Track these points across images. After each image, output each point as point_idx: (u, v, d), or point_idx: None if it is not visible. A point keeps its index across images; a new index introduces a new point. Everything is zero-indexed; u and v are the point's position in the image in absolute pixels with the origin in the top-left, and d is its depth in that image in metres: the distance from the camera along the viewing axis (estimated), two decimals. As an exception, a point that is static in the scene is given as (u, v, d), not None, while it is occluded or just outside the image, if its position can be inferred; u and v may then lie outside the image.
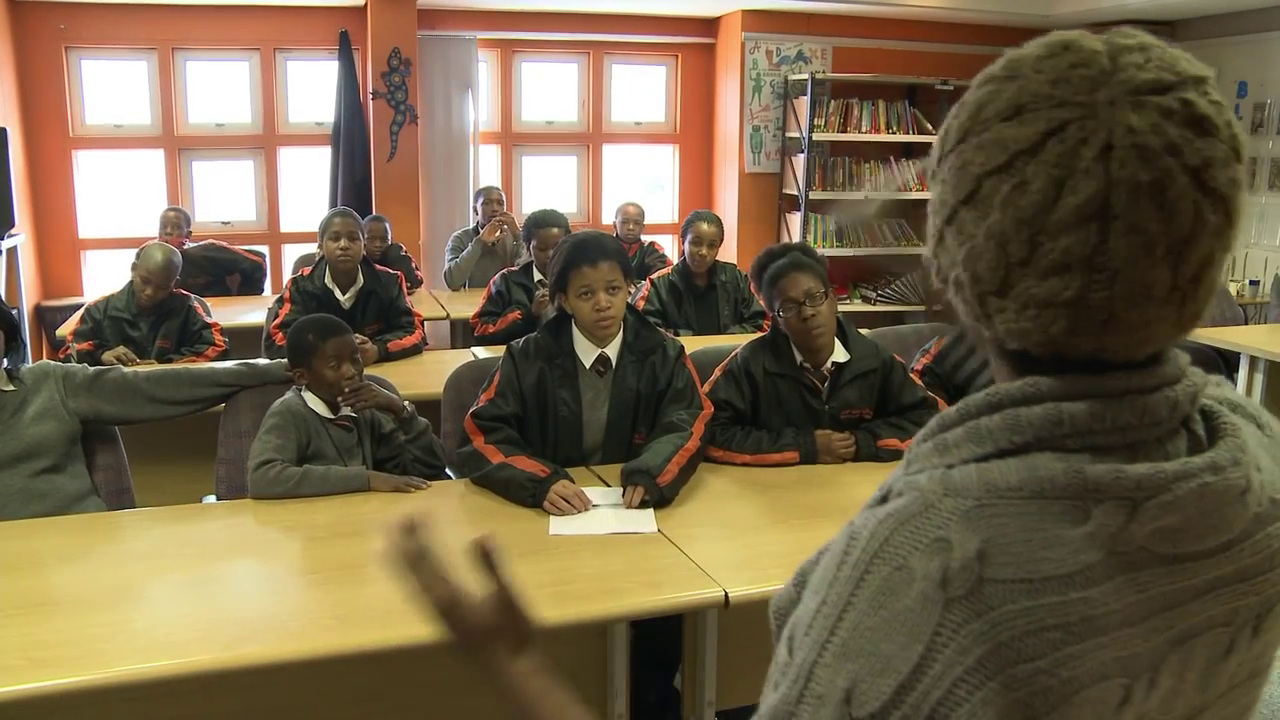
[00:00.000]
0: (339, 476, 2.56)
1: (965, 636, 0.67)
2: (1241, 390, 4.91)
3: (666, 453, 2.54)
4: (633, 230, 5.96)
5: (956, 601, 0.68)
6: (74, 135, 6.73)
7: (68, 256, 6.83)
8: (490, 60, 7.48)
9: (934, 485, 0.74)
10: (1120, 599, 0.70)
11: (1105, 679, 0.69)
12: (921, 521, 0.72)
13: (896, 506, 0.74)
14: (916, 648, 0.68)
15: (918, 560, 0.70)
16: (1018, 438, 0.73)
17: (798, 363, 2.87)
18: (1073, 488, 0.71)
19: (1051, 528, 0.70)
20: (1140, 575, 0.71)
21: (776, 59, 7.48)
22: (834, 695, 0.69)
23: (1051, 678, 0.67)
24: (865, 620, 0.70)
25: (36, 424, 2.59)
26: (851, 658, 0.69)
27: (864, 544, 0.72)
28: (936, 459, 0.76)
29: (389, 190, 6.91)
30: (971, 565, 0.69)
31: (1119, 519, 0.70)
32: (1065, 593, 0.68)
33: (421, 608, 0.97)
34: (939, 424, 0.78)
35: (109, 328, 4.16)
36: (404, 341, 4.18)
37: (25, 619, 1.87)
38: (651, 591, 2.04)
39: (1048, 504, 0.71)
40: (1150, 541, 0.71)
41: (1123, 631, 0.70)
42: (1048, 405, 0.73)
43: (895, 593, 0.70)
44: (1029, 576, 0.68)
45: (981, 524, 0.70)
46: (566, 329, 2.76)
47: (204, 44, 6.87)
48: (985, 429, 0.75)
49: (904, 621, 0.69)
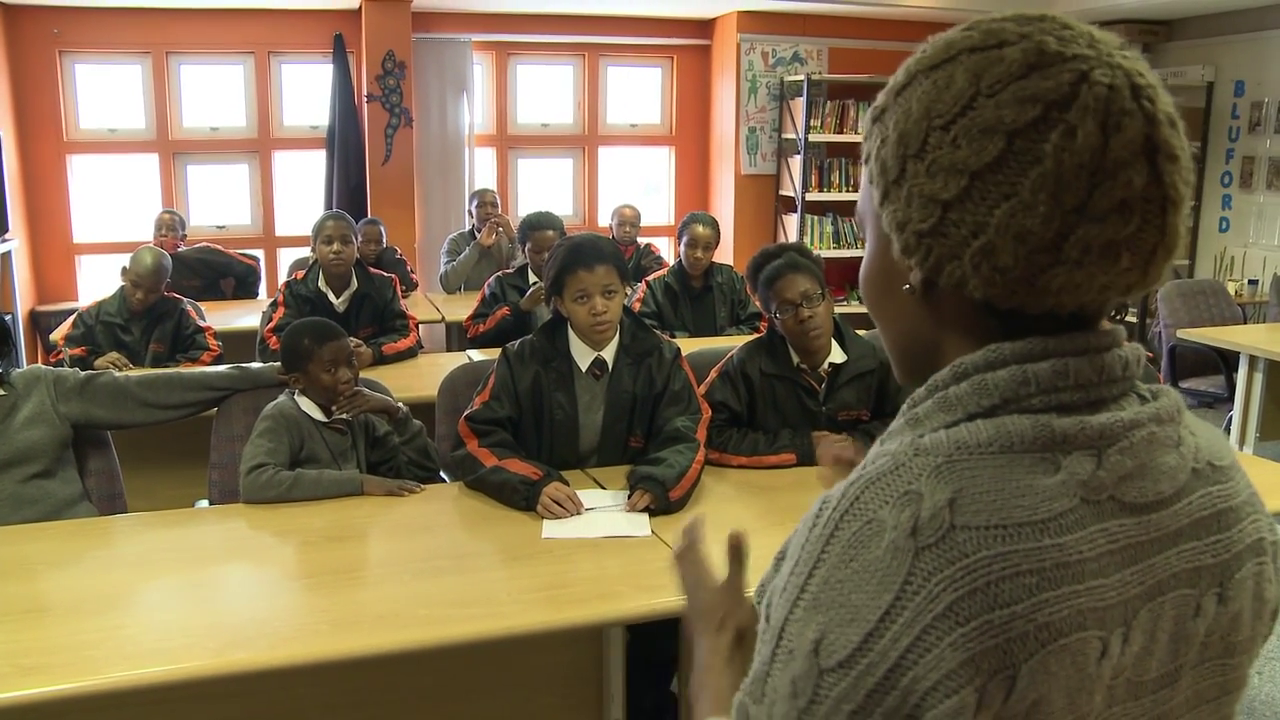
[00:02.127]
0: (332, 480, 2.54)
1: (936, 584, 0.68)
2: (1241, 389, 4.91)
3: (681, 466, 2.52)
4: (628, 233, 5.95)
5: (927, 549, 0.69)
6: (68, 139, 6.71)
7: (62, 261, 6.82)
8: (485, 63, 7.47)
9: (904, 448, 0.75)
10: (1093, 548, 0.71)
11: (1082, 629, 0.70)
12: (891, 479, 0.73)
13: (866, 470, 0.75)
14: (886, 596, 0.69)
15: (888, 512, 0.71)
16: (985, 401, 0.75)
17: (794, 364, 2.85)
18: (1041, 440, 0.73)
19: (1023, 478, 0.72)
20: (1110, 525, 0.73)
21: (772, 60, 7.47)
22: (803, 648, 0.71)
23: (1028, 623, 0.68)
24: (835, 574, 0.71)
25: (27, 429, 2.57)
26: (821, 610, 0.71)
27: (834, 504, 0.74)
28: (909, 432, 0.78)
29: (384, 193, 6.90)
30: (942, 514, 0.70)
31: (1088, 466, 0.73)
32: (1039, 538, 0.69)
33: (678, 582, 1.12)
34: (910, 402, 0.80)
35: (101, 333, 4.13)
36: (399, 345, 4.16)
37: (14, 625, 1.85)
38: (647, 595, 2.02)
39: (1017, 457, 0.73)
40: (1118, 490, 0.74)
41: (1097, 582, 0.71)
42: (1012, 368, 0.75)
43: (865, 544, 0.71)
44: (1002, 523, 0.69)
45: (952, 476, 0.72)
46: (562, 332, 2.74)
47: (198, 47, 6.86)
48: (953, 397, 0.77)
49: (874, 571, 0.70)
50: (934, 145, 0.74)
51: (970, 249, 0.74)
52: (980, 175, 0.72)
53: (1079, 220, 0.71)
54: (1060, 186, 0.71)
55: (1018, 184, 0.71)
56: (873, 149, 0.80)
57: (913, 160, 0.76)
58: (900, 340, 0.85)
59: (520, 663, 2.27)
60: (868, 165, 0.81)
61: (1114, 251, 0.73)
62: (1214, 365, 5.23)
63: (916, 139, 0.75)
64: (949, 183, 0.74)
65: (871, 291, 0.87)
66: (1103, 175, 0.71)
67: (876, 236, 0.83)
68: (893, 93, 0.79)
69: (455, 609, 1.93)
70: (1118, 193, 0.71)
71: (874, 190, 0.80)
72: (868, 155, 0.81)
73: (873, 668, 0.68)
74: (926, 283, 0.78)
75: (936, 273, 0.77)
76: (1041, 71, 0.72)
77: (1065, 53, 0.72)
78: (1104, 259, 0.73)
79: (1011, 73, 0.72)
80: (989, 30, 0.76)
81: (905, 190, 0.76)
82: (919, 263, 0.77)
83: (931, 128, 0.75)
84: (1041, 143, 0.71)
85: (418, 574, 2.09)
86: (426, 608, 1.93)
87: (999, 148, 0.72)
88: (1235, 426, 4.96)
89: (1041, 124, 0.71)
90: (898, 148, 0.77)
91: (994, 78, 0.73)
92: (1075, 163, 0.70)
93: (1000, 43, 0.74)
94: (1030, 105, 0.71)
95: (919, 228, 0.76)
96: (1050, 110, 0.71)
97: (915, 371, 0.85)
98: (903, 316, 0.83)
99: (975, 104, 0.73)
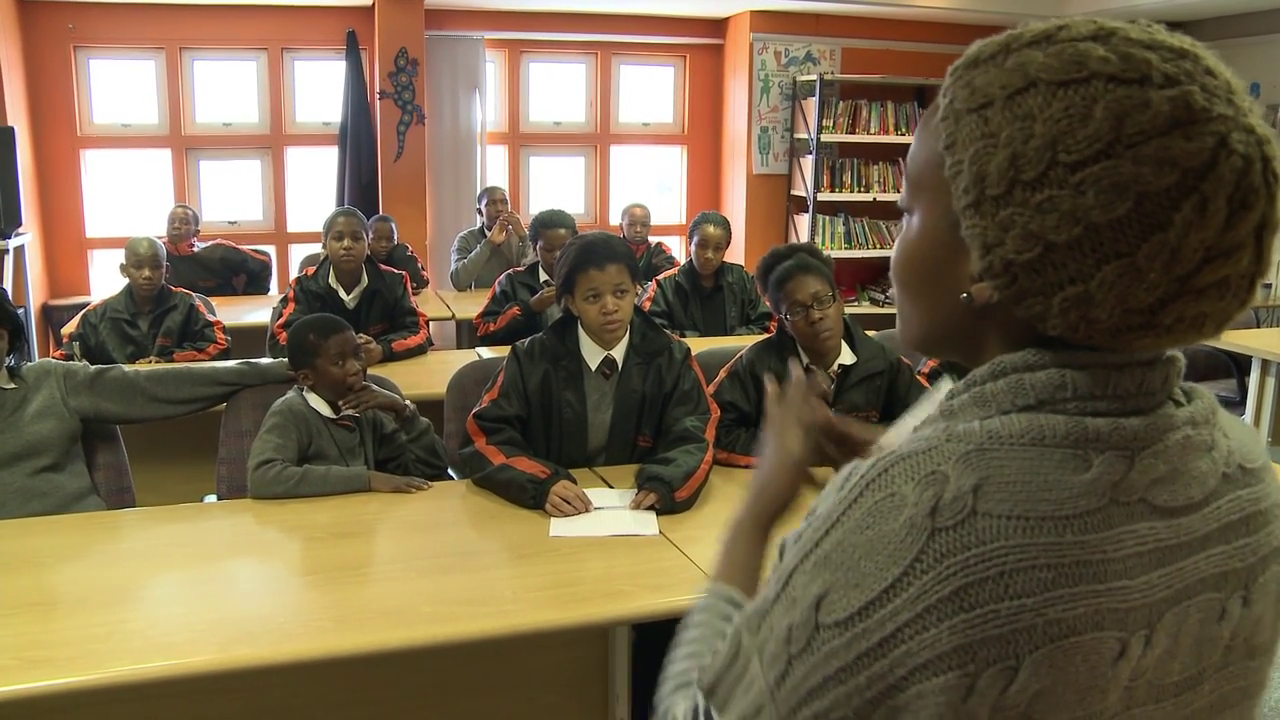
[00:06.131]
0: (339, 476, 2.54)
1: (948, 566, 0.68)
2: (1253, 394, 4.87)
3: (689, 466, 2.51)
4: (639, 232, 5.94)
5: (944, 531, 0.69)
6: (81, 134, 6.73)
7: (75, 255, 6.83)
8: (498, 60, 7.46)
9: (937, 433, 0.75)
10: (1119, 549, 0.70)
11: (1099, 629, 0.69)
12: (921, 458, 0.73)
13: (900, 448, 0.75)
14: (893, 570, 0.69)
15: (911, 489, 0.71)
16: (1021, 400, 0.75)
17: (804, 365, 2.84)
18: (1074, 436, 0.72)
19: (1053, 473, 0.71)
20: (1139, 528, 0.72)
21: (785, 60, 7.46)
22: (806, 599, 0.73)
23: (1037, 617, 0.68)
24: (850, 537, 0.72)
25: (37, 422, 2.58)
26: (829, 568, 0.72)
27: (863, 472, 0.75)
28: (943, 422, 0.78)
29: (396, 190, 6.90)
30: (965, 498, 0.69)
31: (1120, 468, 0.72)
32: (1061, 534, 0.69)
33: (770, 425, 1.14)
34: (948, 395, 0.80)
35: (108, 329, 4.15)
36: (409, 342, 4.16)
37: (21, 619, 1.85)
38: (654, 594, 2.01)
39: (1049, 451, 0.72)
40: (1149, 493, 0.73)
41: (1120, 583, 0.70)
42: (1051, 371, 0.74)
43: (884, 515, 0.71)
44: (1025, 514, 0.69)
45: (980, 464, 0.71)
46: (572, 330, 2.74)
47: (211, 43, 6.87)
48: (990, 393, 0.76)
49: (887, 543, 0.70)
50: (1055, 181, 0.69)
51: (1063, 294, 0.71)
52: (1100, 229, 0.69)
53: (1181, 291, 0.70)
54: (1176, 258, 0.69)
55: (1137, 247, 0.69)
56: (967, 145, 0.74)
57: (1024, 188, 0.70)
58: (931, 327, 0.83)
59: (526, 661, 2.27)
60: (950, 154, 0.75)
61: (1201, 323, 0.73)
62: (1226, 369, 5.19)
63: (1035, 166, 0.70)
64: (1063, 226, 0.69)
65: (911, 275, 0.83)
66: (1216, 254, 0.69)
67: (937, 226, 0.78)
68: (1004, 89, 0.73)
69: (462, 606, 1.92)
70: (1223, 272, 0.70)
71: (958, 190, 0.75)
72: (952, 142, 0.75)
73: (867, 633, 0.69)
74: (995, 304, 0.76)
75: (1014, 302, 0.74)
76: (1185, 130, 0.68)
77: (1211, 111, 0.68)
78: (1192, 329, 0.73)
79: (1157, 126, 0.68)
80: (1129, 57, 0.70)
81: (1007, 214, 0.71)
82: (999, 288, 0.74)
83: (1056, 161, 0.69)
84: (1172, 211, 0.68)
85: (424, 571, 2.09)
86: (433, 605, 1.93)
87: (1128, 207, 0.68)
88: (1248, 431, 4.93)
89: (1175, 191, 0.68)
90: (1008, 166, 0.71)
91: (1137, 128, 0.68)
92: (1199, 238, 0.68)
93: (1143, 78, 0.69)
94: (1170, 169, 0.67)
95: (1013, 257, 0.72)
96: (1187, 178, 0.67)
97: (933, 351, 0.85)
98: (942, 309, 0.81)
99: (1113, 152, 0.68)
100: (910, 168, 0.82)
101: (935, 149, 0.77)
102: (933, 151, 0.78)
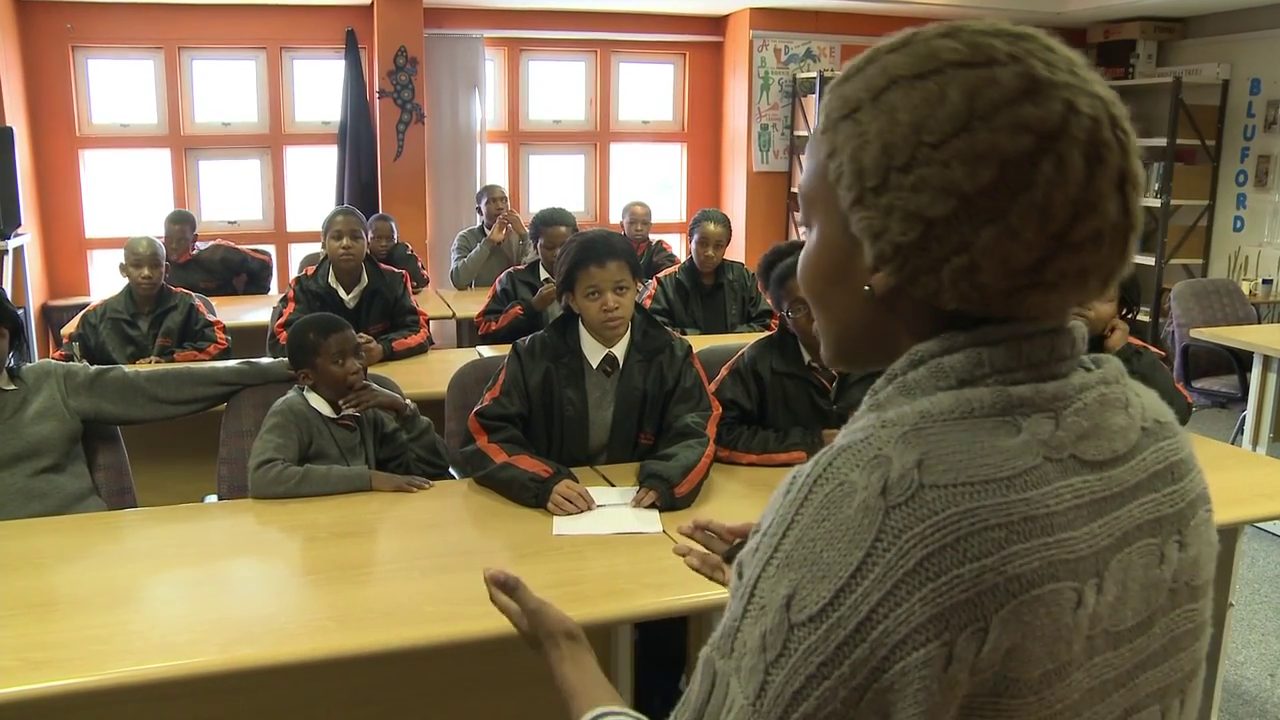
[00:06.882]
0: (340, 476, 2.53)
1: (907, 540, 0.70)
2: (1254, 390, 4.87)
3: (688, 462, 2.51)
4: (640, 230, 5.94)
5: (897, 508, 0.71)
6: (80, 134, 6.73)
7: (74, 256, 6.83)
8: (497, 59, 7.46)
9: (871, 423, 0.78)
10: (1060, 502, 0.74)
11: (1055, 580, 0.72)
12: (861, 446, 0.75)
13: (836, 444, 0.78)
14: (856, 553, 0.71)
15: (858, 475, 0.73)
16: (942, 382, 0.78)
17: (806, 362, 2.83)
18: (1000, 404, 0.76)
19: (987, 439, 0.74)
20: (1074, 481, 0.75)
21: (785, 57, 7.45)
22: (775, 603, 0.73)
23: (998, 575, 0.70)
24: (808, 533, 0.73)
25: (37, 423, 2.57)
26: (794, 567, 0.73)
27: (806, 473, 0.76)
28: (873, 414, 0.80)
29: (395, 189, 6.90)
30: (910, 474, 0.72)
31: (1047, 427, 0.76)
32: (1005, 494, 0.72)
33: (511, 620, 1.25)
34: (872, 390, 0.83)
35: (108, 330, 4.14)
36: (409, 341, 4.15)
37: (22, 620, 1.85)
38: (656, 593, 2.01)
39: (979, 421, 0.76)
40: (1078, 448, 0.77)
41: (1066, 534, 0.73)
42: (968, 351, 0.78)
43: (837, 505, 0.73)
44: (969, 480, 0.72)
45: (918, 441, 0.74)
46: (573, 328, 2.73)
47: (210, 43, 6.87)
48: (912, 381, 0.80)
49: (845, 530, 0.72)
50: (923, 161, 0.75)
51: (950, 265, 0.76)
52: (970, 199, 0.74)
53: (1059, 248, 0.75)
54: (1047, 216, 0.74)
55: (1008, 210, 0.74)
56: (844, 148, 0.79)
57: (897, 173, 0.76)
58: (845, 331, 0.87)
59: (529, 660, 2.25)
60: (832, 160, 0.80)
61: (1084, 277, 0.77)
62: (1227, 365, 5.19)
63: (903, 152, 0.76)
64: (936, 201, 0.75)
65: (817, 283, 0.87)
66: (1085, 207, 0.74)
67: (831, 230, 0.83)
68: (869, 92, 0.79)
69: (463, 606, 1.92)
70: (1095, 225, 0.75)
71: (842, 191, 0.80)
72: (835, 154, 0.80)
73: (843, 621, 0.71)
74: (894, 289, 0.80)
75: (909, 283, 0.78)
76: (1034, 99, 0.74)
77: (1055, 80, 0.75)
78: (1076, 284, 0.77)
79: (1006, 97, 0.74)
80: (975, 45, 0.77)
81: (886, 201, 0.77)
82: (892, 272, 0.78)
83: (921, 143, 0.75)
84: (1033, 171, 0.73)
85: (426, 570, 2.09)
86: (434, 604, 1.92)
87: (992, 174, 0.74)
88: (1249, 427, 4.92)
89: (1033, 153, 0.73)
90: (881, 157, 0.76)
91: (989, 101, 0.74)
92: (1063, 195, 0.74)
93: (989, 60, 0.76)
94: (1024, 134, 0.73)
95: (899, 240, 0.77)
96: (1042, 141, 0.73)
97: (854, 359, 0.88)
98: (852, 310, 0.84)
99: (971, 127, 0.74)
100: (802, 186, 0.87)
101: (820, 160, 0.83)
102: (818, 163, 0.83)
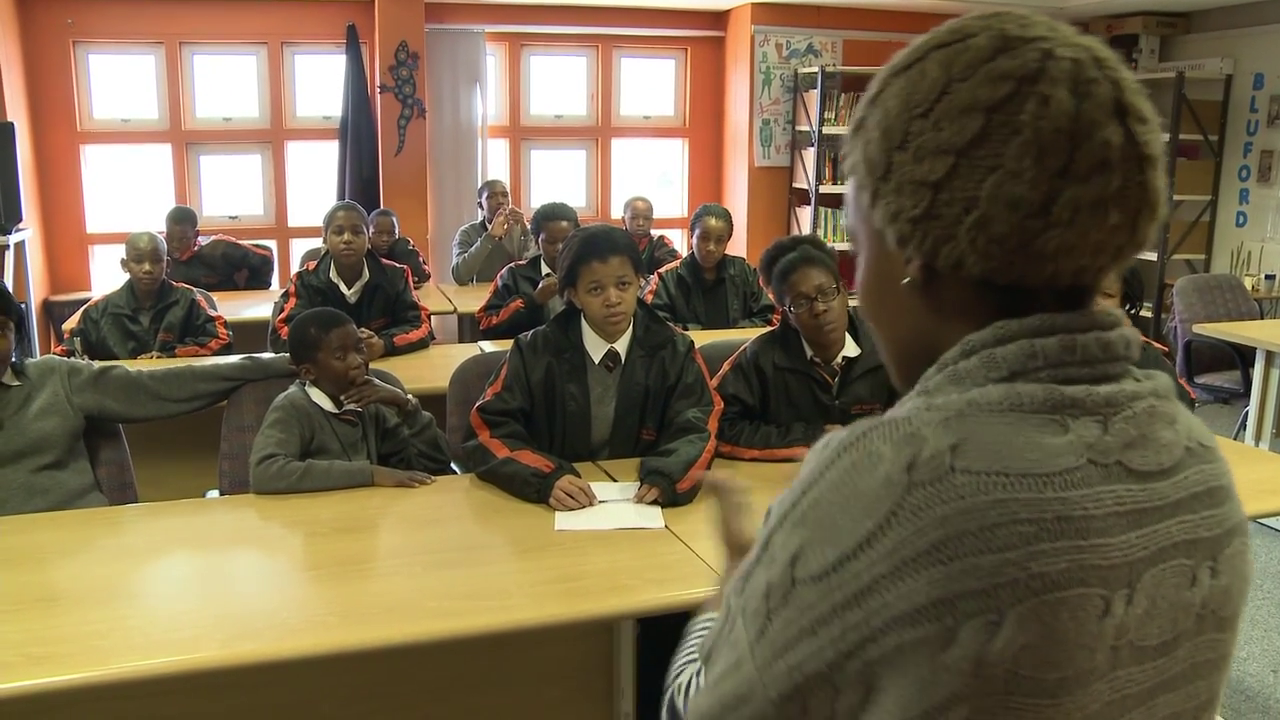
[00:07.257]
0: (342, 471, 2.53)
1: (926, 520, 0.70)
2: (1257, 386, 4.86)
3: (689, 457, 2.51)
4: (642, 225, 5.93)
5: (920, 486, 0.71)
6: (81, 129, 6.72)
7: (75, 251, 6.83)
8: (498, 54, 7.45)
9: (916, 405, 0.79)
10: (1099, 507, 0.73)
11: (1084, 585, 0.71)
12: (900, 423, 0.77)
13: (878, 417, 0.79)
14: (867, 524, 0.72)
15: (889, 448, 0.74)
16: (994, 374, 0.78)
17: (808, 357, 2.83)
18: (1050, 402, 0.76)
19: (1031, 434, 0.74)
20: (1117, 489, 0.75)
21: (786, 52, 7.44)
22: (783, 557, 0.76)
23: (1020, 570, 0.69)
24: (826, 495, 0.76)
25: (41, 420, 2.57)
26: (806, 525, 0.76)
27: (841, 437, 0.79)
28: (921, 399, 0.81)
29: (397, 184, 6.89)
30: (942, 456, 0.72)
31: (1095, 431, 0.75)
32: (1042, 490, 0.71)
33: None
34: (924, 378, 0.83)
35: (109, 325, 4.14)
36: (410, 336, 4.15)
37: (24, 615, 1.85)
38: (658, 588, 2.00)
39: (1026, 416, 0.75)
40: (1124, 456, 0.76)
41: (1102, 540, 0.72)
42: (1021, 342, 0.78)
43: (860, 473, 0.74)
44: (1005, 470, 0.71)
45: (959, 426, 0.75)
46: (575, 323, 2.72)
47: (211, 38, 6.86)
48: (963, 370, 0.79)
49: (862, 498, 0.73)
50: (916, 132, 0.78)
51: (964, 225, 0.76)
52: (965, 152, 0.76)
53: (1064, 182, 0.75)
54: (1042, 151, 0.74)
55: (1002, 154, 0.75)
56: (857, 157, 0.83)
57: (898, 152, 0.79)
58: (903, 340, 0.88)
59: (531, 656, 2.26)
60: (855, 177, 0.84)
61: (1102, 208, 0.76)
62: (1230, 360, 5.18)
63: (899, 131, 0.79)
64: (935, 164, 0.77)
65: (872, 298, 0.90)
66: (1080, 136, 0.74)
67: (871, 242, 0.86)
68: (868, 102, 0.83)
69: (465, 601, 1.91)
70: (1097, 152, 0.75)
71: (862, 195, 0.83)
72: (853, 166, 0.84)
73: (842, 586, 0.72)
74: (926, 270, 0.80)
75: (934, 257, 0.79)
76: (1008, 53, 0.76)
77: (1027, 35, 0.77)
78: (1094, 216, 0.76)
79: (980, 57, 0.77)
80: (953, 28, 0.81)
81: (894, 182, 0.79)
82: (916, 248, 0.79)
83: (912, 117, 0.78)
84: (1018, 114, 0.75)
85: (428, 566, 2.08)
86: (436, 600, 1.92)
87: (979, 124, 0.75)
88: (1251, 422, 4.92)
89: (1016, 98, 0.75)
90: (882, 144, 0.80)
91: (964, 64, 0.77)
92: (1053, 127, 0.74)
93: (964, 35, 0.79)
94: (1002, 82, 0.75)
95: (912, 214, 0.78)
96: (1022, 85, 0.75)
97: (916, 373, 0.86)
98: (905, 313, 0.85)
99: (950, 89, 0.77)
100: (847, 226, 0.92)
101: (851, 189, 0.86)
102: (852, 194, 0.87)
